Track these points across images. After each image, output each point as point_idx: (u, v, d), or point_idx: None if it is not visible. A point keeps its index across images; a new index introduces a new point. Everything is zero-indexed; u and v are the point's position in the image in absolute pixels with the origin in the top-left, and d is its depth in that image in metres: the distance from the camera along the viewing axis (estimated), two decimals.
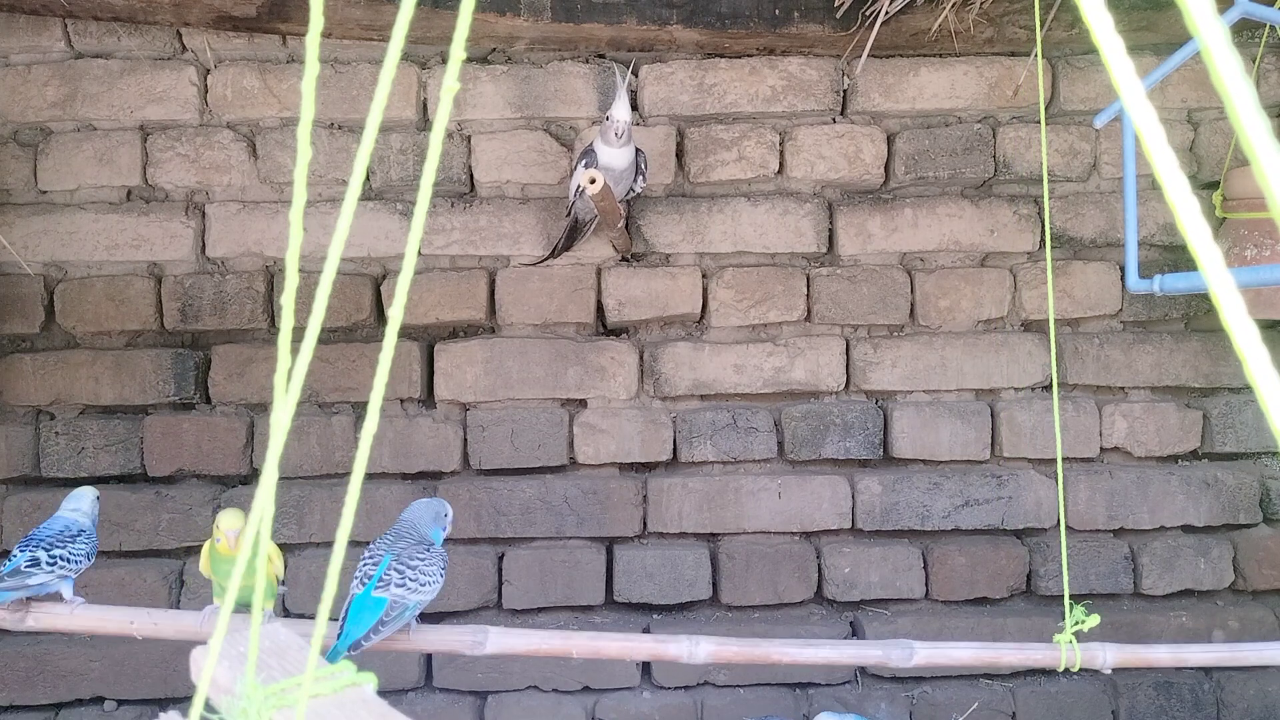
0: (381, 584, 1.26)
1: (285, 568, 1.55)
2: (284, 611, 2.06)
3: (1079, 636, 1.37)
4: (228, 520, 1.37)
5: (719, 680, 2.09)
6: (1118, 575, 2.13)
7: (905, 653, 1.36)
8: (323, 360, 2.08)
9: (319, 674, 0.53)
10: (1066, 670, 1.38)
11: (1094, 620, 1.36)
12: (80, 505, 1.49)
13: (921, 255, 2.15)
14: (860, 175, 2.11)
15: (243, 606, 1.36)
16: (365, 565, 1.32)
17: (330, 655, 1.24)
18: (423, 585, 1.29)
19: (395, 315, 0.42)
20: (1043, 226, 2.15)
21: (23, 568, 1.35)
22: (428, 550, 1.33)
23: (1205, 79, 2.11)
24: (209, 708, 0.50)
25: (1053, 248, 2.15)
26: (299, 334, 0.42)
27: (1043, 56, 2.10)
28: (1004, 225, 2.13)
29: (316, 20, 0.39)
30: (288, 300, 0.41)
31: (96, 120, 2.06)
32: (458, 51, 0.40)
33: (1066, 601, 1.39)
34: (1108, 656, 1.37)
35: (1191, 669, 2.12)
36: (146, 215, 2.07)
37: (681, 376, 2.11)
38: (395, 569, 1.28)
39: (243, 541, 0.46)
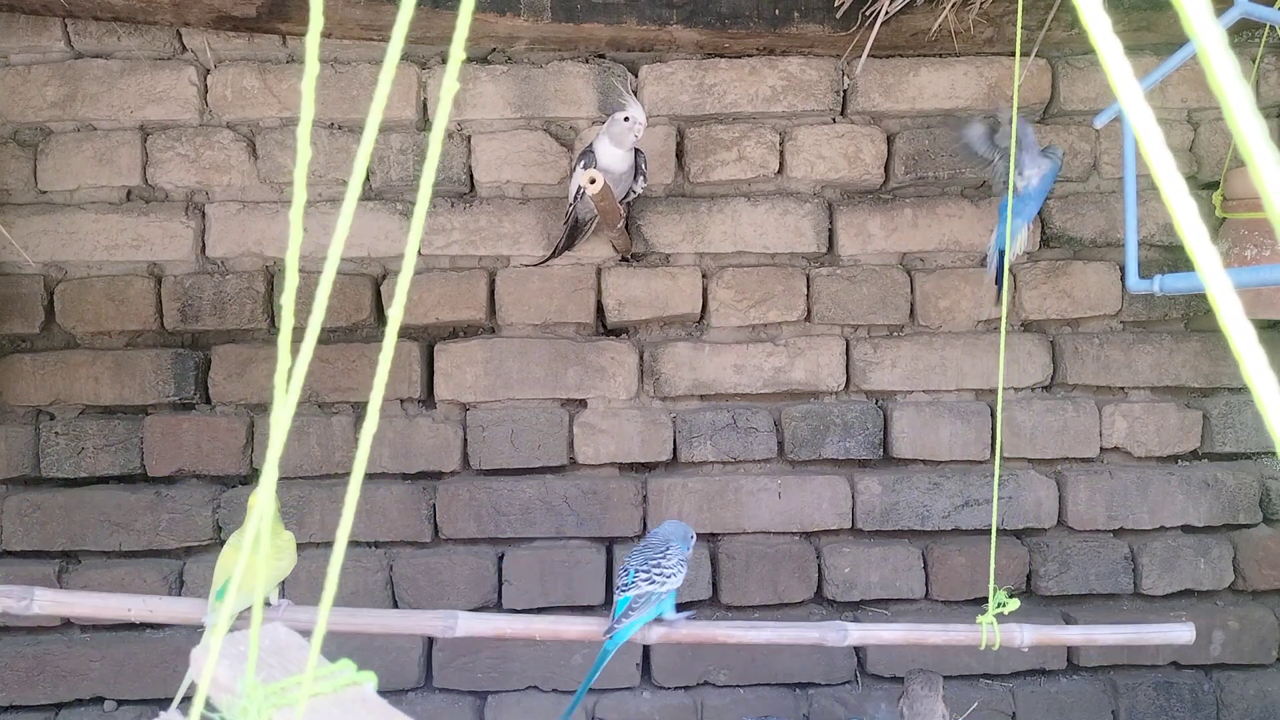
0: (633, 586, 1.48)
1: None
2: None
3: (1000, 619, 1.48)
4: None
5: (719, 680, 2.09)
6: (1118, 575, 2.13)
7: (839, 634, 1.49)
8: (323, 360, 2.08)
9: (319, 673, 0.53)
10: (994, 649, 1.49)
11: (1014, 604, 1.47)
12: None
13: (921, 255, 2.15)
14: (860, 175, 2.11)
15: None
16: (620, 577, 1.53)
17: (608, 644, 1.47)
18: (667, 577, 1.48)
19: (395, 315, 0.42)
20: (1041, 226, 2.15)
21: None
22: (666, 552, 1.52)
23: (1204, 79, 2.10)
24: (209, 706, 0.50)
25: (1052, 248, 2.15)
26: (299, 334, 0.42)
27: (1042, 56, 2.10)
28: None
29: (316, 20, 0.39)
30: (287, 300, 0.41)
31: (96, 120, 2.06)
32: (458, 51, 0.40)
33: (991, 584, 1.50)
34: (1025, 636, 1.48)
35: (1191, 669, 2.13)
36: (146, 215, 2.07)
37: (681, 376, 2.11)
38: (640, 571, 1.49)
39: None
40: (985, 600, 2.11)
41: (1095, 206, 2.14)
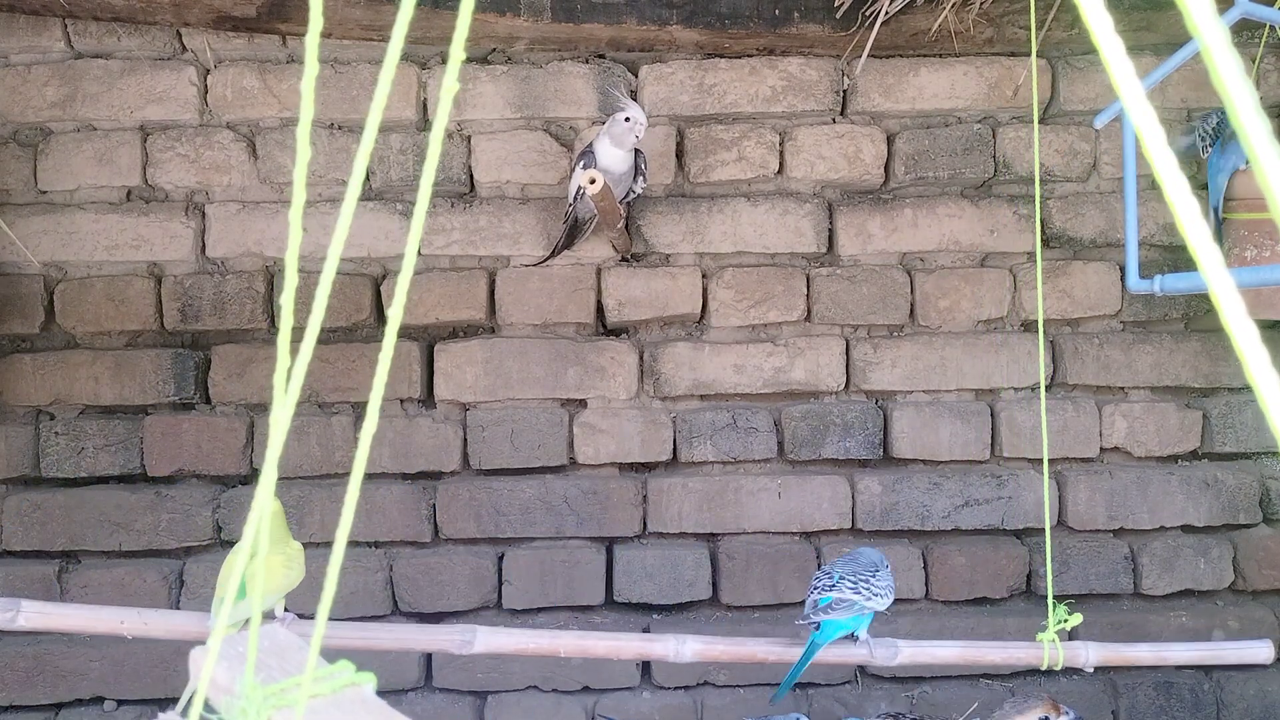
0: (836, 588, 1.43)
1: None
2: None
3: (1062, 635, 1.39)
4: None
5: (719, 680, 2.09)
6: (1118, 575, 2.13)
7: (890, 651, 1.41)
8: (323, 360, 2.08)
9: (318, 674, 0.53)
10: (1057, 669, 1.40)
11: (1076, 619, 1.38)
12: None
13: (921, 255, 2.15)
14: (860, 175, 2.11)
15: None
16: (822, 579, 1.48)
17: (808, 648, 1.42)
18: (875, 594, 1.43)
19: (395, 315, 0.42)
20: (1042, 226, 2.15)
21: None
22: (877, 573, 1.47)
23: (1205, 79, 2.10)
24: (208, 708, 0.50)
25: (1053, 248, 2.15)
26: (298, 334, 0.42)
27: (1042, 56, 2.10)
28: (1004, 225, 2.13)
29: (316, 20, 0.39)
30: (287, 300, 0.41)
31: (96, 120, 2.06)
32: (457, 52, 0.40)
33: (1050, 600, 1.41)
34: (1090, 655, 1.39)
35: (1191, 669, 2.13)
36: (146, 215, 2.07)
37: (681, 376, 2.11)
38: (848, 579, 1.44)
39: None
40: (986, 601, 2.13)
41: (1095, 206, 2.14)
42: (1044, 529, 2.13)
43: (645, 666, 2.10)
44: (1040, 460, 2.15)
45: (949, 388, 2.13)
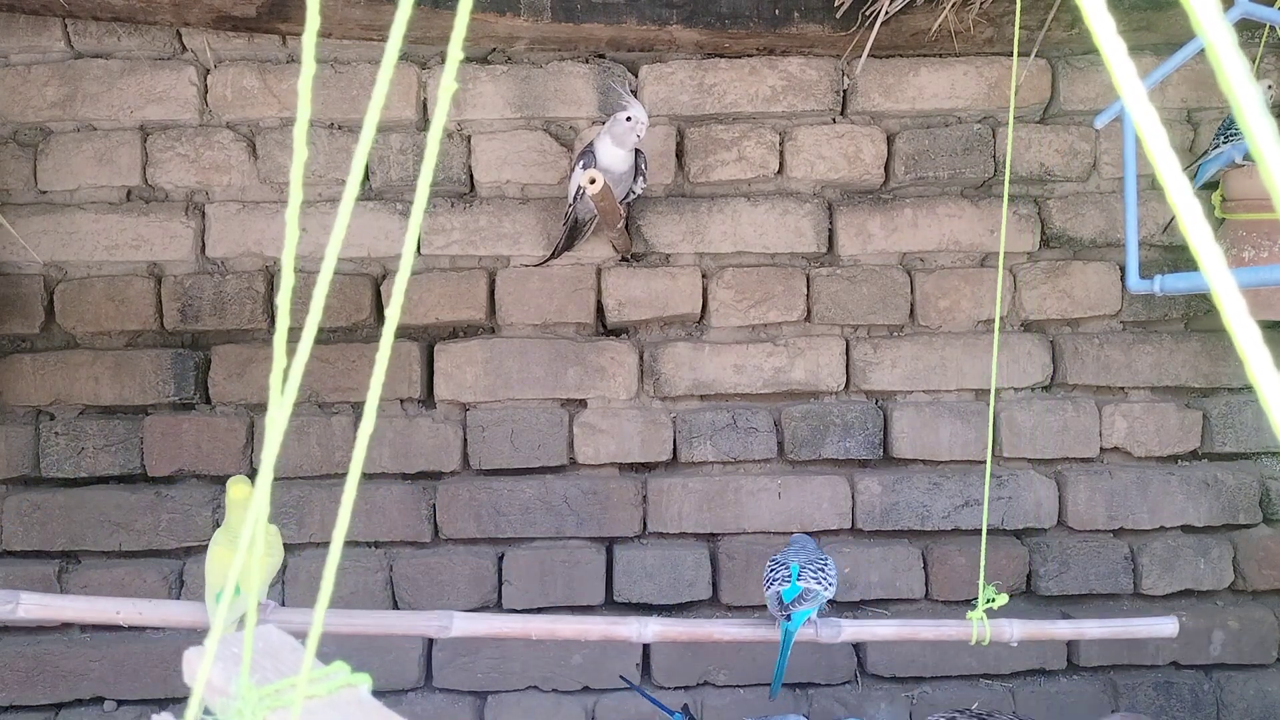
0: (800, 579, 1.53)
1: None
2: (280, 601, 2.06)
3: (989, 614, 1.52)
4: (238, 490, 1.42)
5: (719, 680, 2.09)
6: (1117, 575, 2.12)
7: (834, 630, 1.54)
8: (323, 360, 2.07)
9: (314, 675, 0.53)
10: (985, 644, 1.52)
11: (1003, 599, 1.51)
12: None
13: (921, 255, 2.15)
14: (860, 175, 2.11)
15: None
16: (778, 569, 1.58)
17: (784, 638, 1.52)
18: (831, 584, 1.55)
19: (392, 315, 0.42)
20: (1041, 226, 2.15)
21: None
22: (826, 563, 1.58)
23: (1205, 79, 2.11)
24: (204, 708, 0.50)
25: (1053, 248, 2.15)
26: (297, 334, 0.42)
27: (1042, 56, 2.10)
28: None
29: (313, 19, 0.39)
30: (283, 300, 0.41)
31: (96, 120, 2.06)
32: (455, 51, 0.39)
33: (981, 581, 1.54)
34: (1014, 631, 1.53)
35: (1191, 669, 2.13)
36: (146, 215, 2.07)
37: (681, 376, 2.10)
38: (809, 570, 1.55)
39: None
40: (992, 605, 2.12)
41: (1095, 206, 2.14)
42: (1045, 529, 2.13)
43: (645, 666, 2.10)
44: (1040, 460, 2.15)
45: (949, 388, 2.13)
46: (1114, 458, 2.17)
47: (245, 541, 0.47)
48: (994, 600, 1.51)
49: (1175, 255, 2.13)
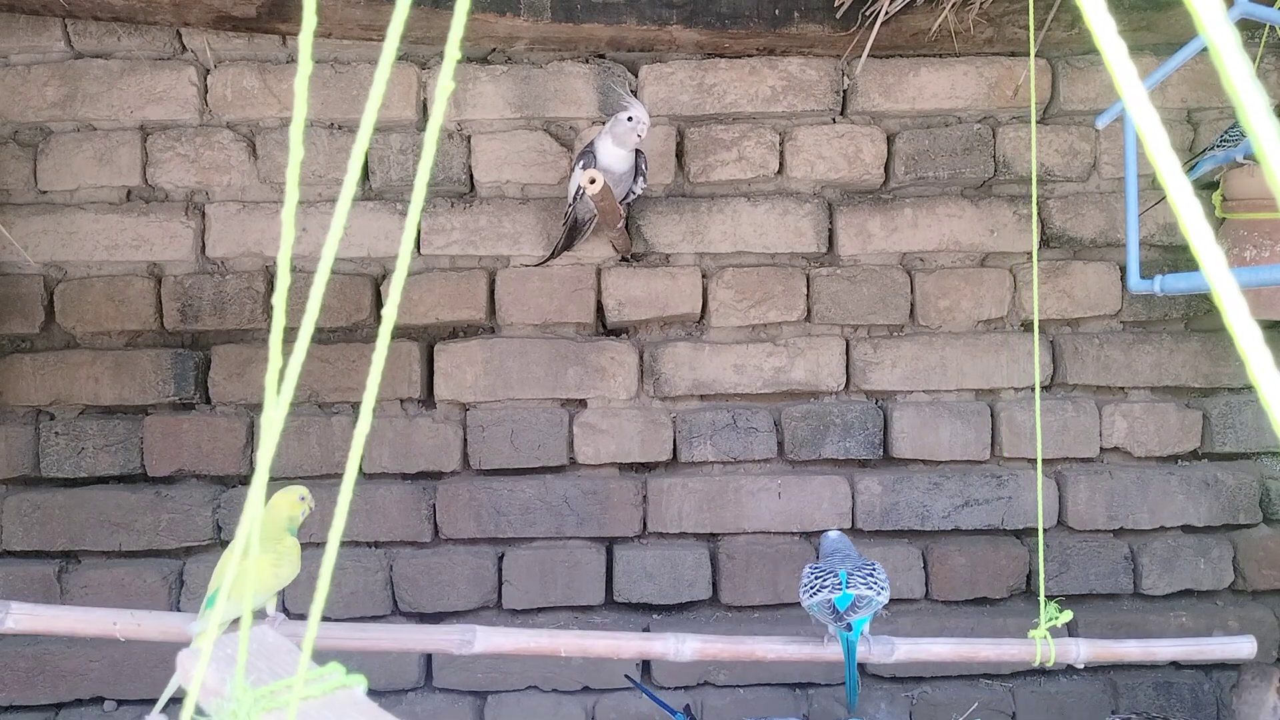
0: (850, 586, 1.44)
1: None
2: (283, 612, 2.06)
3: (1053, 632, 1.43)
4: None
5: (719, 680, 2.09)
6: (1118, 575, 2.12)
7: (886, 649, 1.43)
8: (323, 360, 2.07)
9: (309, 676, 0.53)
10: (1049, 665, 1.44)
11: (1067, 616, 1.42)
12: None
13: (921, 255, 2.15)
14: (860, 175, 2.10)
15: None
16: (825, 577, 1.47)
17: (844, 639, 1.43)
18: (883, 589, 1.45)
19: (389, 315, 0.42)
20: (1041, 226, 2.14)
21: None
22: (875, 568, 1.49)
23: (1205, 79, 2.10)
24: (198, 710, 0.50)
25: (1053, 248, 2.15)
26: (295, 334, 0.42)
27: (1042, 56, 2.10)
28: (1004, 225, 2.12)
29: (310, 19, 0.39)
30: (279, 299, 0.41)
31: (96, 120, 2.06)
32: (453, 51, 0.39)
33: (1042, 598, 1.44)
34: (1081, 651, 1.43)
35: (1191, 669, 2.12)
36: (146, 215, 2.07)
37: (681, 376, 2.10)
38: (858, 576, 1.45)
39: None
40: (986, 601, 2.12)
41: (1095, 206, 2.13)
42: (1045, 529, 2.13)
43: (645, 666, 2.10)
44: (1042, 460, 2.14)
45: (949, 388, 2.13)
46: (1114, 458, 2.17)
47: (239, 546, 0.46)
48: (1056, 618, 1.41)
49: (1176, 255, 2.13)
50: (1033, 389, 2.16)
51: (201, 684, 0.51)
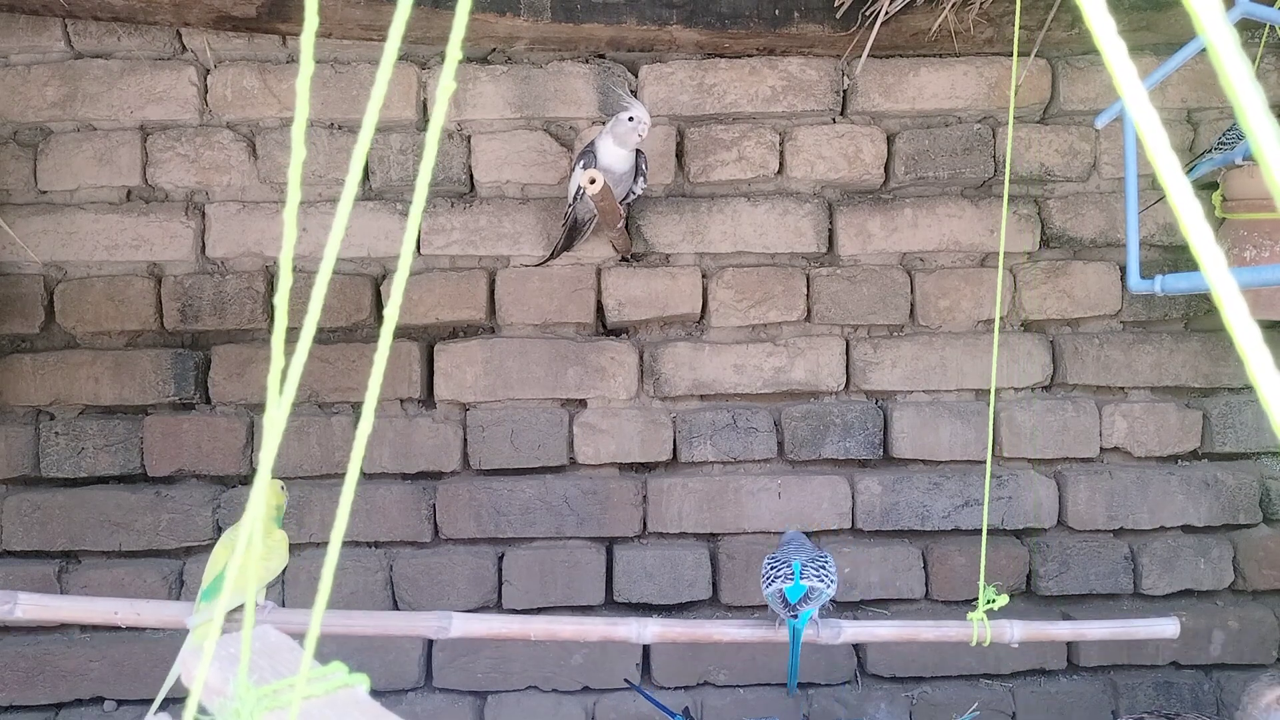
0: (804, 578, 1.52)
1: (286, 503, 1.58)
2: (281, 604, 2.06)
3: (990, 614, 1.51)
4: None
5: (719, 680, 2.09)
6: (1118, 575, 2.12)
7: (834, 631, 1.53)
8: (323, 360, 2.07)
9: (312, 675, 0.53)
10: (985, 645, 1.51)
11: (1003, 600, 1.51)
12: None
13: (921, 255, 2.15)
14: (860, 175, 2.10)
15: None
16: (779, 568, 1.55)
17: (793, 636, 1.51)
18: (833, 581, 1.54)
19: (390, 315, 0.42)
20: (1041, 226, 2.15)
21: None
22: (826, 560, 1.57)
23: (1205, 79, 2.10)
24: (201, 709, 0.50)
25: (1053, 248, 2.15)
26: (296, 334, 0.42)
27: (1042, 56, 2.10)
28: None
29: (311, 19, 0.39)
30: (281, 299, 0.41)
31: (96, 120, 2.06)
32: (454, 52, 0.39)
33: (981, 581, 1.54)
34: (1015, 632, 1.52)
35: (1191, 669, 2.13)
36: (146, 215, 2.07)
37: (681, 376, 2.10)
38: (810, 569, 1.53)
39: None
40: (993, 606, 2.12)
41: (1095, 206, 2.13)
42: (1045, 529, 2.13)
43: (645, 666, 2.10)
44: (1041, 460, 2.15)
45: (949, 388, 2.13)
46: (1114, 458, 2.17)
47: (243, 538, 0.47)
48: (994, 601, 1.51)
49: (1176, 255, 2.13)
50: (1032, 389, 2.16)
51: (204, 683, 0.51)
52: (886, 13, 1.88)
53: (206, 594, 1.37)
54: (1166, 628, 1.58)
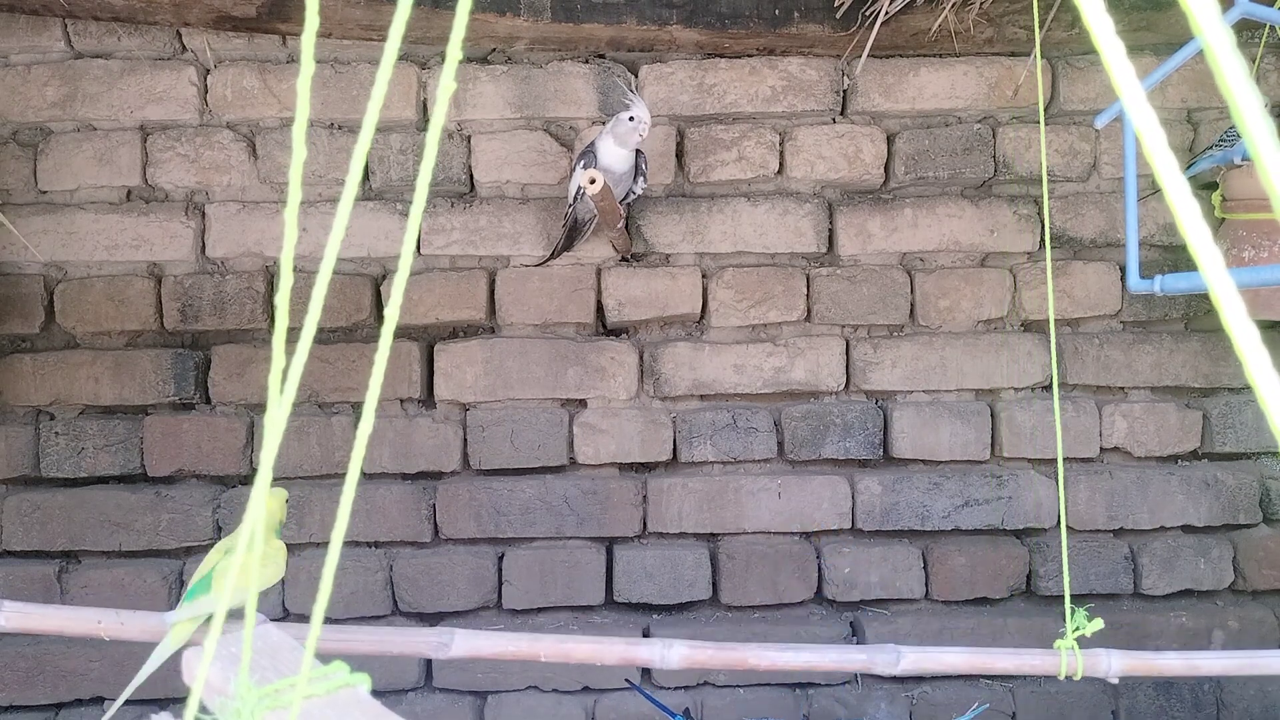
0: None
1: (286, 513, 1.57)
2: (283, 611, 2.06)
3: (1080, 642, 1.28)
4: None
5: (719, 681, 2.09)
6: (1118, 575, 2.12)
7: (891, 657, 1.28)
8: (323, 360, 2.07)
9: (313, 675, 0.53)
10: (1076, 679, 1.28)
11: (1097, 624, 1.29)
12: None
13: (921, 255, 2.15)
14: (860, 175, 2.11)
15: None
16: None
17: None
18: None
19: (391, 315, 0.42)
20: (1042, 226, 2.15)
21: None
22: None
23: (1205, 79, 2.11)
24: (202, 708, 0.50)
25: (1053, 248, 2.15)
26: (296, 334, 0.42)
27: (1043, 56, 2.10)
28: (1004, 225, 2.12)
29: (313, 19, 0.39)
30: (282, 299, 0.41)
31: (96, 120, 2.06)
32: (455, 52, 0.39)
33: (1068, 605, 1.31)
34: (1113, 664, 1.27)
35: None
36: (146, 215, 2.07)
37: (681, 376, 2.10)
38: None
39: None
40: (986, 601, 2.12)
41: (1095, 206, 2.14)
42: (1044, 529, 2.13)
43: (645, 667, 2.10)
44: (1041, 460, 2.15)
45: (949, 388, 2.13)
46: (1114, 458, 2.17)
47: (244, 540, 0.47)
48: (1083, 628, 1.28)
49: (1175, 255, 2.13)
50: (1032, 389, 2.16)
51: (206, 683, 0.51)
52: (886, 13, 1.88)
53: (191, 594, 1.36)
54: None
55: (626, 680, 2.00)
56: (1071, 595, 2.12)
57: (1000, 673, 1.65)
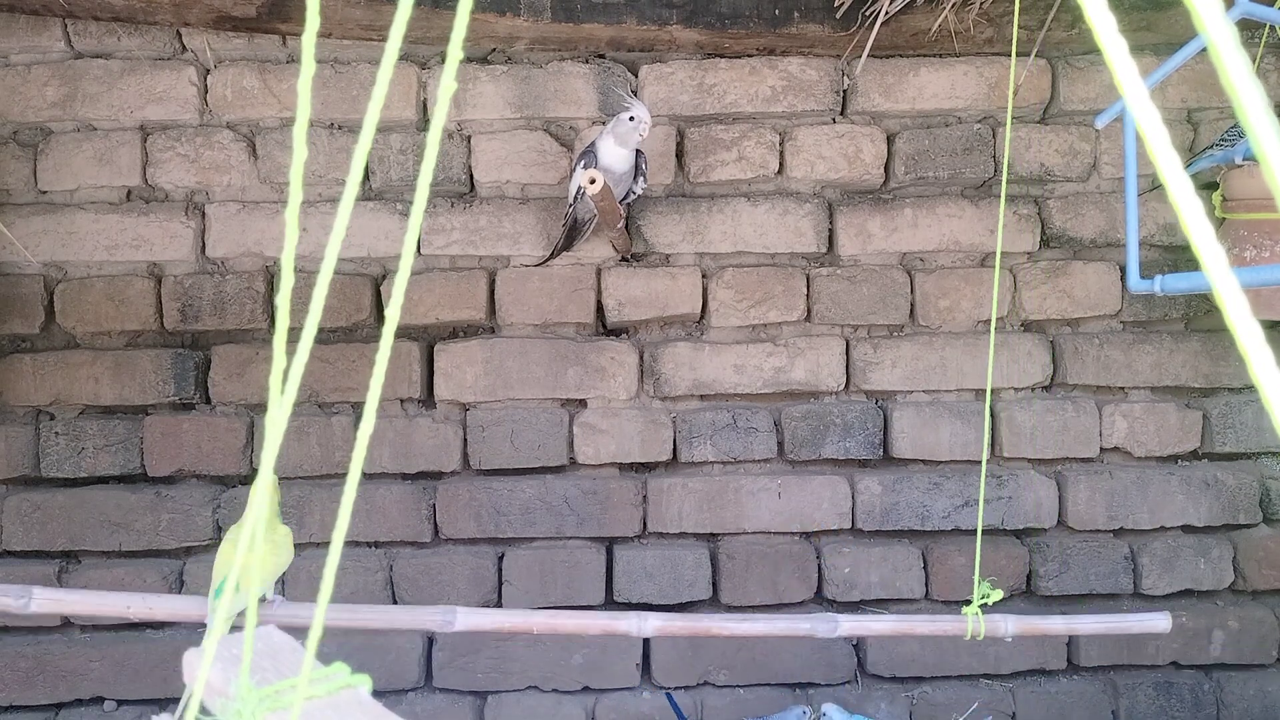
0: None
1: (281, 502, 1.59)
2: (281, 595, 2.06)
3: (984, 609, 1.51)
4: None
5: (719, 680, 2.09)
6: (1118, 575, 2.12)
7: (830, 625, 1.51)
8: (323, 360, 2.07)
9: (314, 676, 0.53)
10: (979, 638, 1.51)
11: (998, 595, 1.50)
12: None
13: (921, 255, 2.15)
14: (860, 175, 2.11)
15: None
16: None
17: None
18: None
19: (392, 315, 0.42)
20: (1041, 226, 2.15)
21: None
22: None
23: (1205, 79, 2.11)
24: (202, 710, 0.50)
25: (1053, 248, 2.15)
26: (296, 334, 0.42)
27: (1042, 56, 2.10)
28: (1004, 225, 2.12)
29: (313, 19, 0.39)
30: (283, 300, 0.41)
31: (96, 120, 2.06)
32: (455, 52, 0.39)
33: (976, 576, 1.52)
34: (1009, 626, 1.51)
35: (1191, 669, 2.13)
36: (146, 215, 2.07)
37: (681, 376, 2.10)
38: None
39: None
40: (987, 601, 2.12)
41: (1095, 206, 2.14)
42: (1045, 529, 2.13)
43: (645, 666, 2.10)
44: (1040, 460, 2.15)
45: (949, 388, 2.13)
46: (1114, 458, 2.17)
47: (245, 539, 0.47)
48: (989, 596, 1.51)
49: (1176, 255, 2.13)
50: (1032, 389, 2.16)
51: (207, 683, 0.51)
52: (886, 13, 1.88)
53: (219, 591, 1.38)
54: (1158, 622, 1.58)
55: (665, 690, 2.03)
56: (1071, 595, 2.13)
57: (920, 637, 1.81)
